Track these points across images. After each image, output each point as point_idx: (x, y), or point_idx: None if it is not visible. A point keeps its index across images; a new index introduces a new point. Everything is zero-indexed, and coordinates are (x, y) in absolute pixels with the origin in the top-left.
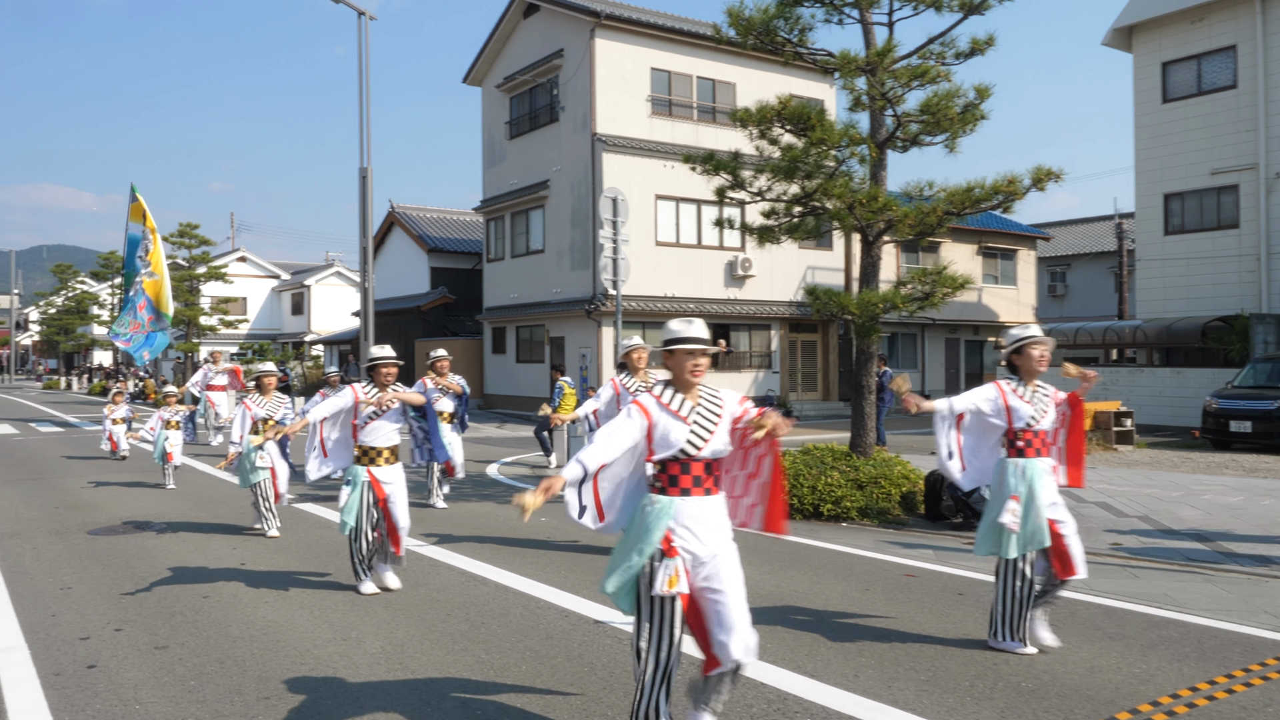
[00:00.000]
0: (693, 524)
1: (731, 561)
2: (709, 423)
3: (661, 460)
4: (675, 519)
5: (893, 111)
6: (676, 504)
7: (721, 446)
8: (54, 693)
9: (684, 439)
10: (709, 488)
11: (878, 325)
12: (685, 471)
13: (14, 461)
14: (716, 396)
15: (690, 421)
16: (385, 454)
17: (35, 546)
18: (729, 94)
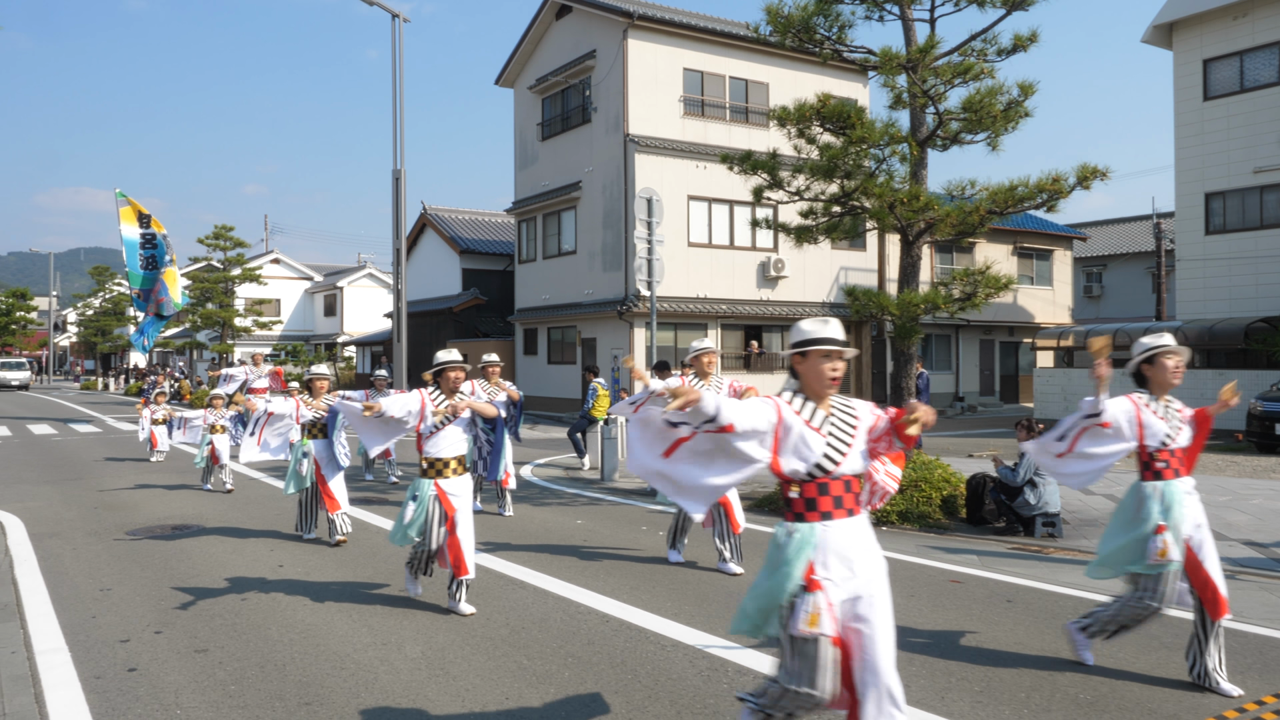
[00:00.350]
0: (839, 552)
1: (882, 593)
2: (845, 435)
3: (798, 481)
4: (818, 548)
5: (934, 109)
6: (818, 531)
7: (859, 464)
8: (95, 696)
9: (819, 452)
10: (851, 508)
11: (918, 326)
12: (824, 492)
13: (52, 461)
14: (850, 406)
15: (825, 434)
16: (453, 464)
17: (74, 547)
18: (762, 94)
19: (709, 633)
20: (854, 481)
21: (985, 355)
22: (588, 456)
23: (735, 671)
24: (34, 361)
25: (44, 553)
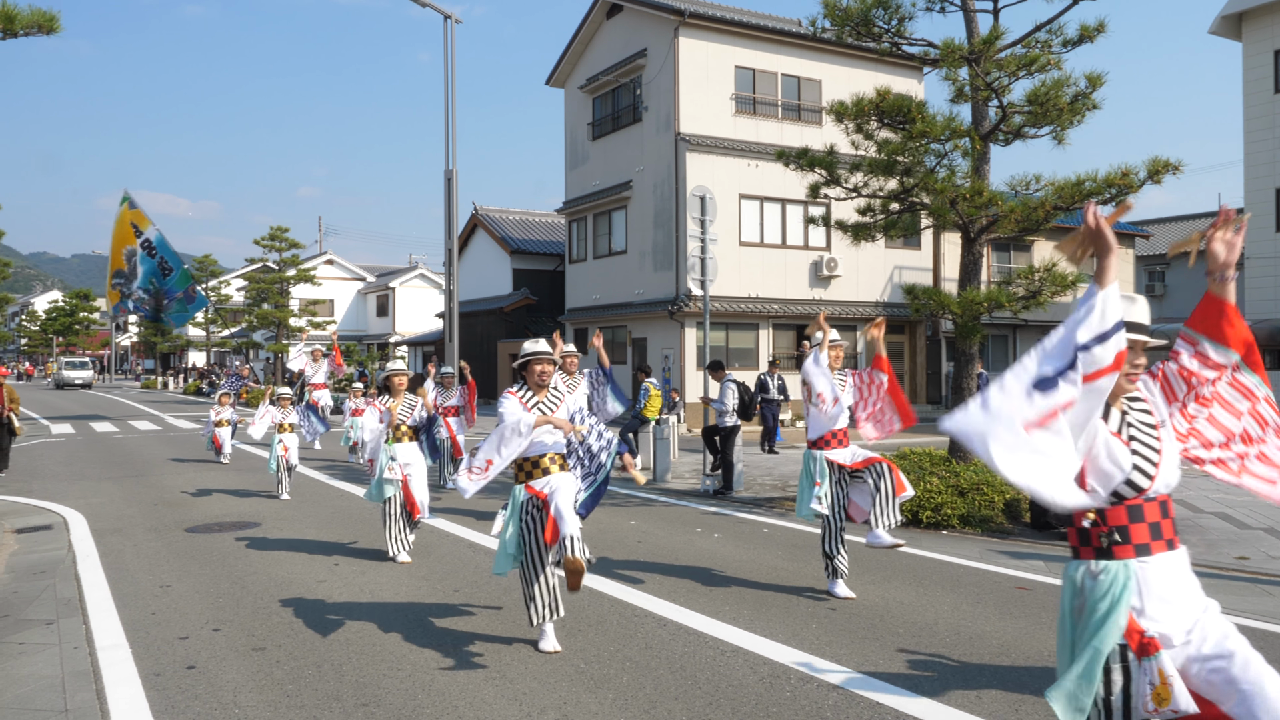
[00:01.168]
0: (1163, 596)
1: (1216, 615)
2: (1151, 439)
3: (1098, 505)
4: (1139, 594)
5: (997, 102)
6: (1134, 571)
7: (1174, 476)
8: (155, 693)
9: (1127, 464)
10: (1170, 539)
11: (980, 326)
12: (1137, 518)
13: (114, 459)
14: (1142, 401)
15: (1126, 439)
16: (544, 463)
17: (135, 543)
18: (814, 91)
19: (769, 638)
20: (1169, 504)
21: None
22: (640, 457)
23: (798, 679)
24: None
25: (105, 548)
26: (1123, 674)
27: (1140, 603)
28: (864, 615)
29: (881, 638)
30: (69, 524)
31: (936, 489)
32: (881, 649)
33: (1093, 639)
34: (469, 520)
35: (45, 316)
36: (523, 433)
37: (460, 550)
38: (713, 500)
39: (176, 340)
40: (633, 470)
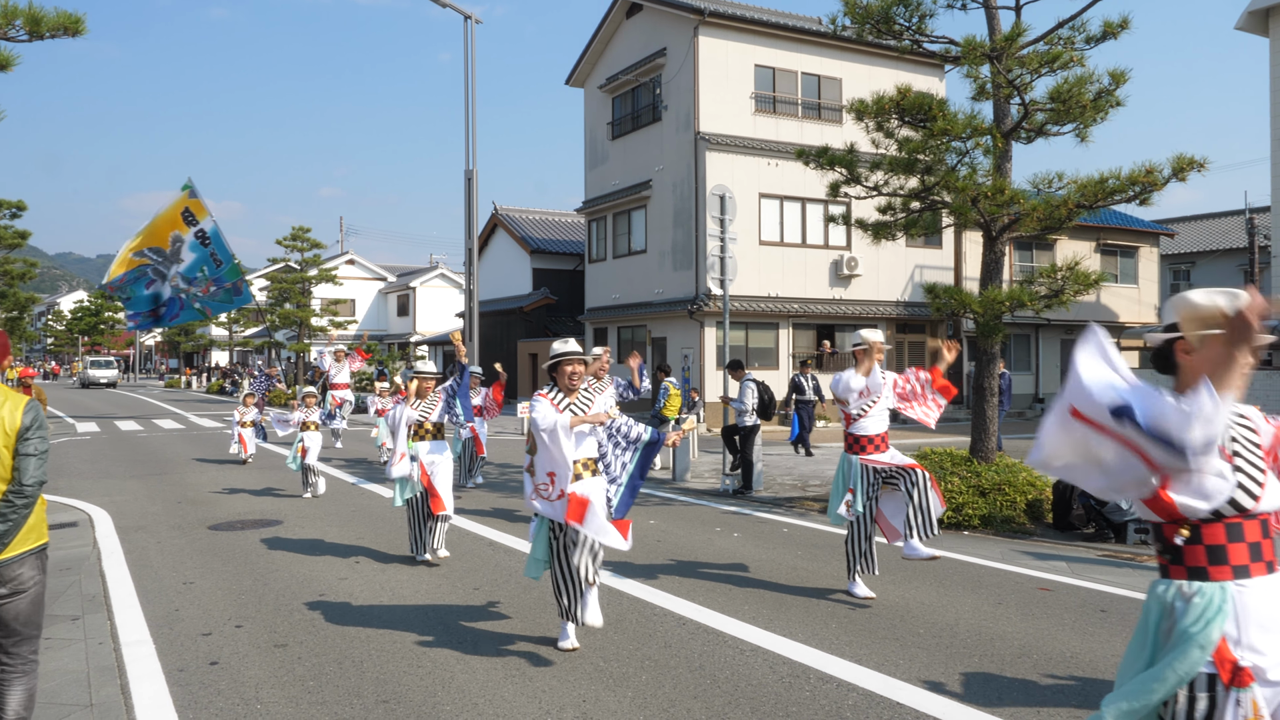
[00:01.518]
0: (1262, 623)
1: None
2: (1253, 454)
3: (1192, 521)
4: (1235, 620)
5: (1019, 100)
6: (1231, 594)
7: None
8: (178, 688)
9: (1230, 482)
10: (1271, 560)
11: (1001, 325)
12: (1236, 538)
13: (138, 457)
14: (1243, 415)
15: (1230, 454)
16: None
17: (159, 540)
18: (835, 90)
19: (788, 638)
20: (1270, 521)
21: (1067, 355)
22: (659, 456)
23: (817, 679)
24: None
25: (130, 545)
26: (1208, 703)
27: (1236, 630)
28: (884, 615)
29: (902, 638)
30: (94, 521)
31: (958, 489)
32: (902, 649)
33: (1176, 662)
34: (490, 519)
35: (71, 316)
36: (562, 434)
37: (481, 549)
38: (732, 500)
39: (199, 340)
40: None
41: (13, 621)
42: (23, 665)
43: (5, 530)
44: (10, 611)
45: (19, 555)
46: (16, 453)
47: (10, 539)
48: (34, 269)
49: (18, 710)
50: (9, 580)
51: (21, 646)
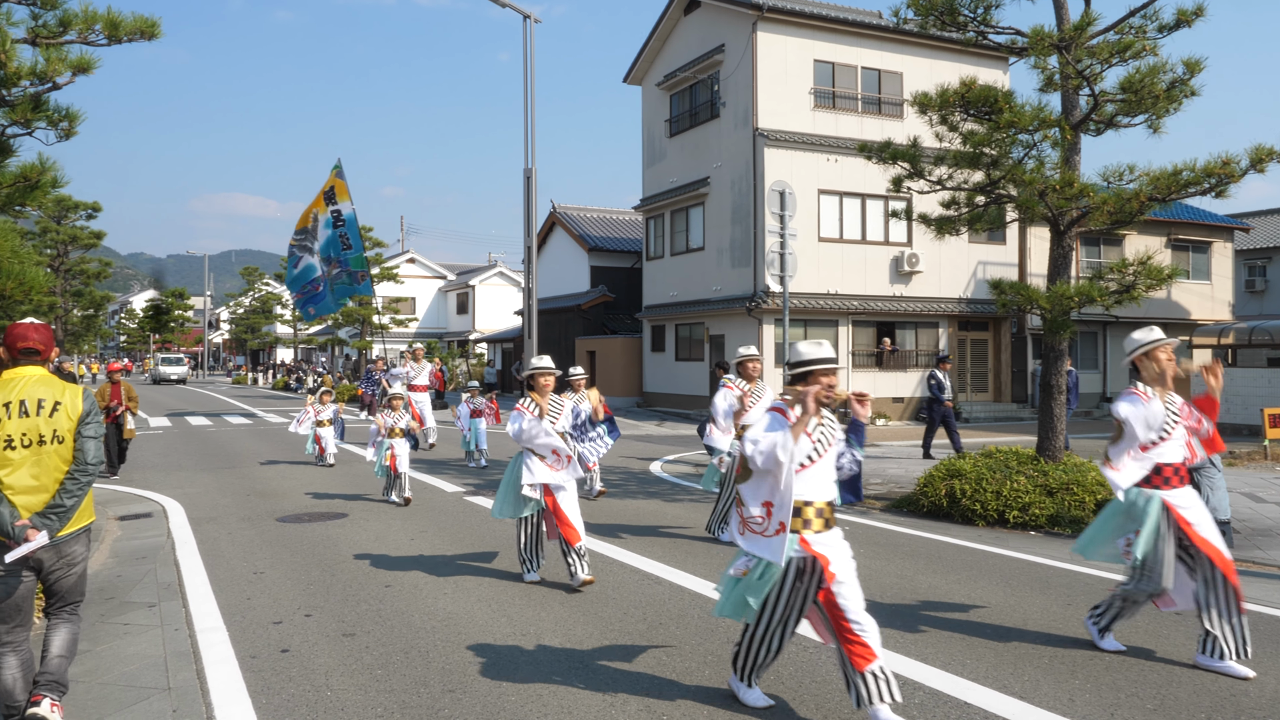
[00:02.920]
0: None
1: None
2: None
3: None
4: None
5: (1089, 91)
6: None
7: None
8: (252, 674)
9: None
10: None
11: (1070, 321)
12: None
13: (208, 451)
14: None
15: None
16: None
17: (230, 531)
18: (895, 84)
19: None
20: None
21: None
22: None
23: None
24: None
25: (202, 536)
26: None
27: None
28: (951, 614)
29: (969, 637)
30: (167, 512)
31: (1024, 488)
32: (969, 649)
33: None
34: None
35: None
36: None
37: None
38: None
39: (265, 337)
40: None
41: (66, 593)
42: (67, 615)
43: (72, 506)
44: (63, 585)
45: (74, 533)
46: (79, 435)
47: (72, 515)
48: (108, 268)
49: (59, 649)
50: (65, 555)
51: (69, 607)
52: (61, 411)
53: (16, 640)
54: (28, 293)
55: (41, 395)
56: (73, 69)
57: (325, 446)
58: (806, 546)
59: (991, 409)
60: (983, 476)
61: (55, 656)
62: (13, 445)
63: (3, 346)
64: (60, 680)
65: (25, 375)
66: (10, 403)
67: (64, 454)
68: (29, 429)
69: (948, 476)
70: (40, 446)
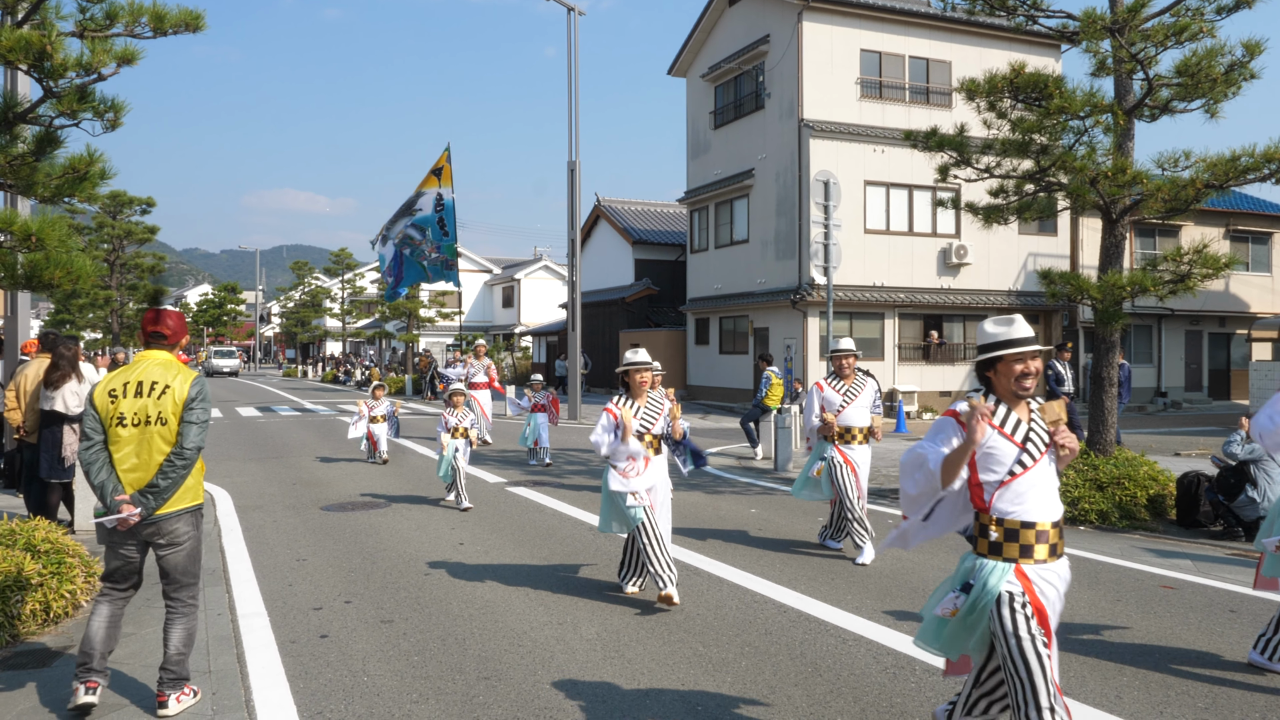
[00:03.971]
0: None
1: None
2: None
3: None
4: None
5: (1143, 75)
6: None
7: None
8: (290, 659)
9: None
10: None
11: (1121, 312)
12: None
13: (257, 441)
14: None
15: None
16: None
17: (275, 519)
18: (944, 73)
19: (893, 629)
20: None
21: (1192, 347)
22: (761, 446)
23: (923, 671)
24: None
25: (248, 524)
26: None
27: None
28: None
29: None
30: (215, 500)
31: (1073, 482)
32: None
33: None
34: (586, 500)
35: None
36: None
37: (582, 533)
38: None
39: (315, 330)
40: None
41: (172, 571)
42: (183, 608)
43: (166, 487)
44: (170, 562)
45: (176, 512)
46: (182, 419)
47: (170, 495)
48: (163, 262)
49: (177, 646)
50: (167, 534)
51: (181, 592)
52: (169, 395)
53: (114, 596)
54: (75, 281)
55: (156, 378)
56: (117, 60)
57: (378, 443)
58: (1023, 579)
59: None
60: None
61: (174, 653)
62: (124, 423)
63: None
64: (181, 674)
65: (150, 358)
66: (129, 382)
67: (166, 436)
68: (139, 409)
69: None
70: (146, 426)
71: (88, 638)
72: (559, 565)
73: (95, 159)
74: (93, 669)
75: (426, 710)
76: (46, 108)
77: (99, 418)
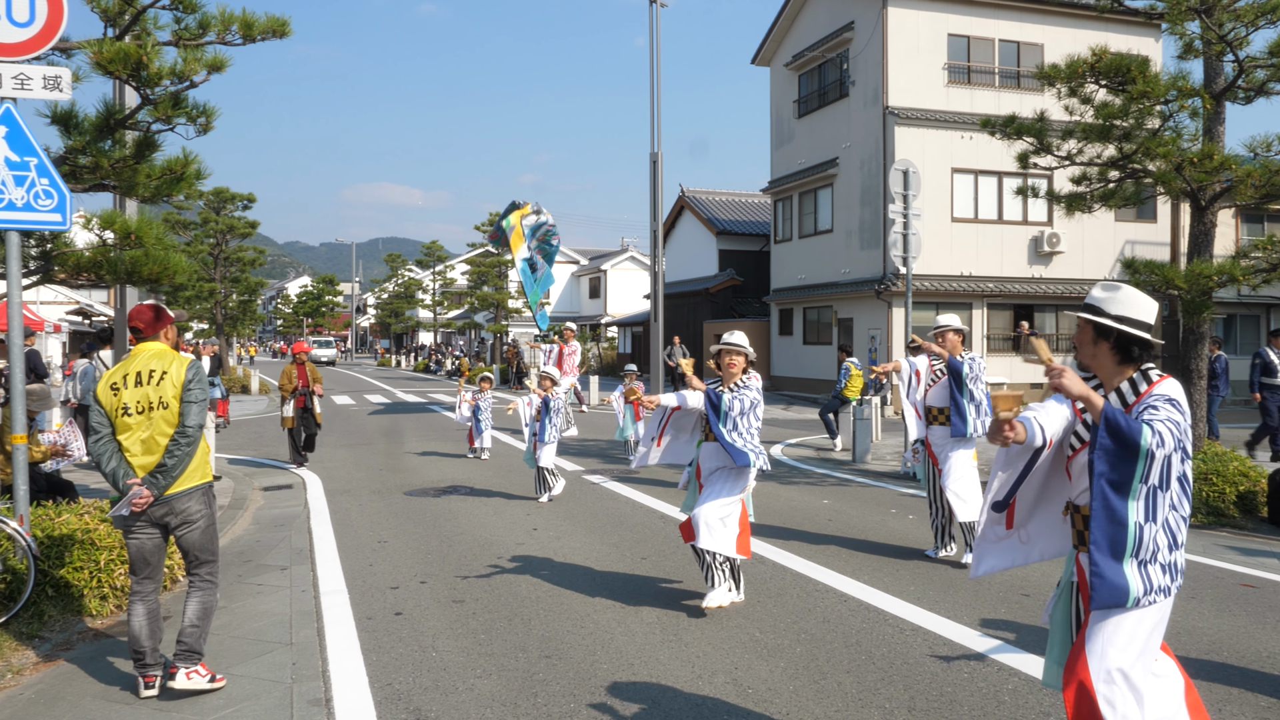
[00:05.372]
0: None
1: None
2: None
3: None
4: None
5: (1233, 57)
6: None
7: None
8: (365, 634)
9: None
10: None
11: (1210, 302)
12: None
13: (349, 428)
14: None
15: None
16: None
17: (360, 503)
18: (1035, 56)
19: (952, 620)
20: None
21: None
22: (839, 437)
23: (978, 661)
24: (340, 340)
25: (335, 507)
26: None
27: None
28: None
29: None
30: (306, 484)
31: None
32: None
33: None
34: (660, 491)
35: (296, 300)
36: None
37: (653, 521)
38: (912, 483)
39: (408, 321)
40: None
41: (190, 548)
42: (201, 584)
43: (174, 465)
44: (187, 541)
45: (186, 490)
46: (181, 400)
47: (178, 474)
48: (263, 255)
49: (192, 619)
50: (179, 512)
51: (201, 568)
52: (167, 380)
53: (145, 591)
54: (171, 276)
55: (153, 366)
56: (207, 68)
57: (477, 439)
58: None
59: None
60: None
61: (189, 626)
62: (129, 412)
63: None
64: (194, 648)
65: (144, 349)
66: (129, 374)
67: (169, 419)
68: (142, 397)
69: None
70: (150, 412)
71: (133, 637)
72: (627, 551)
73: (190, 161)
74: (147, 664)
75: (488, 685)
76: (144, 114)
77: (105, 411)
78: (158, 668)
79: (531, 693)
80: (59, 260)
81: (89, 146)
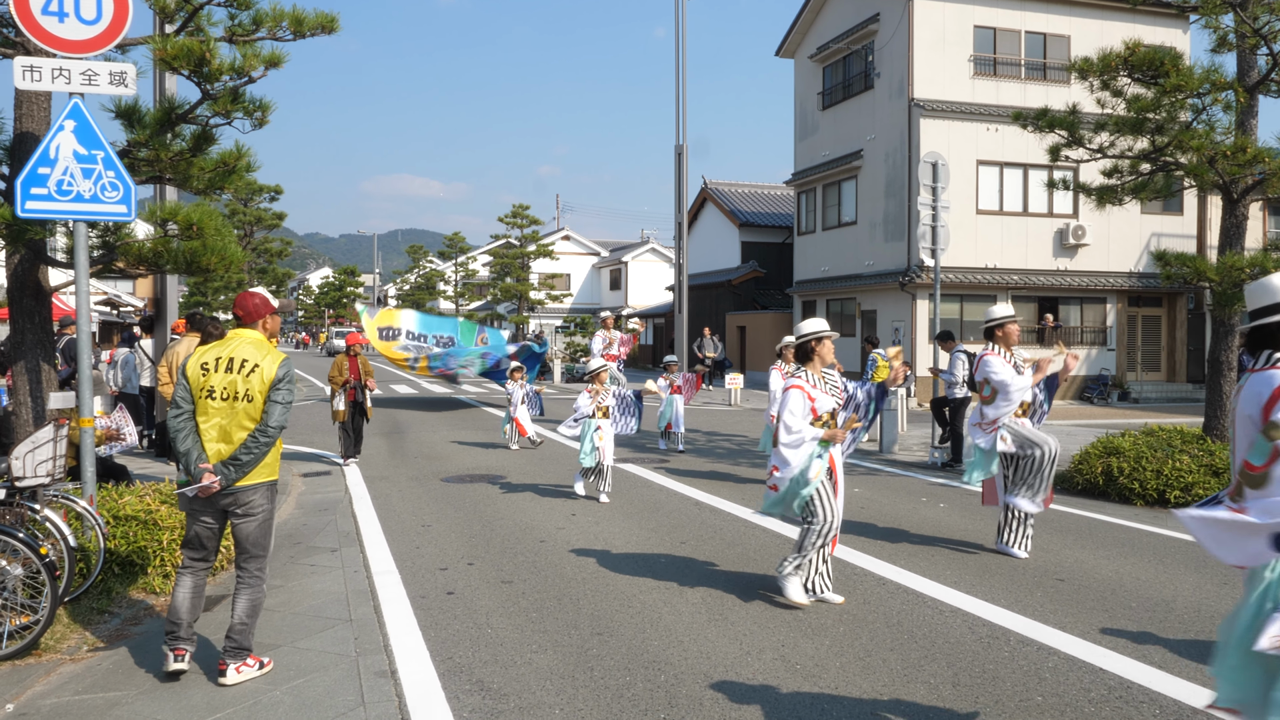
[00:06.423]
0: None
1: None
2: None
3: None
4: None
5: (1267, 50)
6: None
7: None
8: (421, 612)
9: None
10: None
11: (1241, 294)
12: None
13: (379, 417)
14: None
15: None
16: None
17: (400, 489)
18: (1062, 48)
19: (990, 602)
20: None
21: None
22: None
23: (1017, 641)
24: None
25: (375, 493)
26: None
27: None
28: (1096, 587)
29: (1112, 609)
30: (344, 471)
31: (1187, 468)
32: (1110, 619)
33: None
34: (696, 480)
35: (318, 290)
36: None
37: (688, 508)
38: (940, 473)
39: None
40: None
41: (244, 540)
42: (250, 579)
43: (248, 461)
44: (243, 531)
45: (253, 484)
46: (268, 398)
47: (250, 470)
48: (289, 247)
49: (241, 616)
50: (243, 504)
51: (250, 563)
52: (257, 373)
53: (196, 567)
54: (228, 267)
55: (246, 356)
56: (265, 63)
57: (526, 428)
58: None
59: (1164, 389)
60: (1142, 455)
61: (239, 623)
62: (213, 396)
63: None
64: (243, 644)
65: (242, 336)
66: (220, 358)
67: (252, 412)
68: (229, 384)
69: (1104, 454)
70: (234, 402)
71: (174, 608)
72: (667, 535)
73: (243, 153)
74: (180, 637)
75: (545, 659)
76: (204, 109)
77: (189, 388)
78: (190, 643)
79: (588, 666)
80: (122, 250)
81: (151, 140)
